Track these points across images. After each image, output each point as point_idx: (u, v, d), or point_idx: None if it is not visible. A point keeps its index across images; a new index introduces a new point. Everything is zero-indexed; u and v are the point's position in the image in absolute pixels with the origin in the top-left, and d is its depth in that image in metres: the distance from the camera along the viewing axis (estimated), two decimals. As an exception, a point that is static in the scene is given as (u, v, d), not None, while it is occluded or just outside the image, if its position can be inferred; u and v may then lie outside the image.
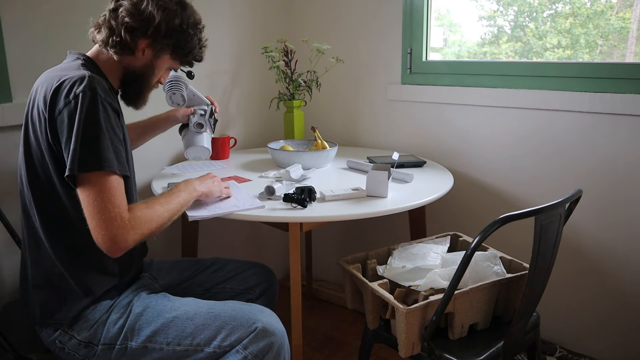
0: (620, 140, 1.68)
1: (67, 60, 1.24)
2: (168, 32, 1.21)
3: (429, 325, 1.26)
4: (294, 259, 1.44)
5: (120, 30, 1.18)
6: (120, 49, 1.20)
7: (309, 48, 2.14)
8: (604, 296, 1.80)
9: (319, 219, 1.39)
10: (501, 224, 1.11)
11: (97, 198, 1.06)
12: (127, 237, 1.08)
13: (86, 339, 1.17)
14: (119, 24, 1.18)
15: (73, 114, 1.07)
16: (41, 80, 1.17)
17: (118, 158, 1.10)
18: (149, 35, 1.20)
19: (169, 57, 1.27)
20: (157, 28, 1.19)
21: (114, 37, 1.19)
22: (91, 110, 1.07)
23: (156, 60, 1.25)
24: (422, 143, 2.10)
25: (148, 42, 1.21)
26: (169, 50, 1.25)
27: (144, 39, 1.20)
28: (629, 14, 1.83)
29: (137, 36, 1.20)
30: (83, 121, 1.06)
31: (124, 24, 1.18)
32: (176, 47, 1.25)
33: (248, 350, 1.15)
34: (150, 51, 1.23)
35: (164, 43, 1.23)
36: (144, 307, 1.20)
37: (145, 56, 1.24)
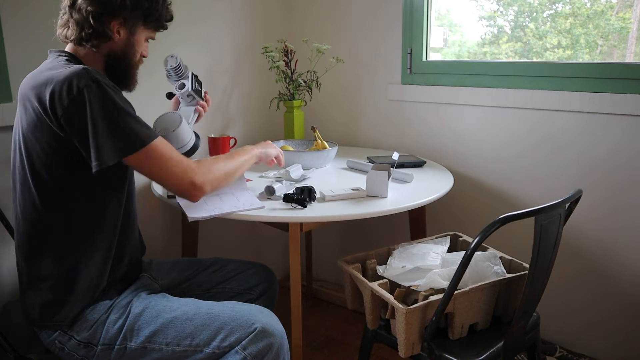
0: (620, 140, 1.68)
1: (49, 60, 1.21)
2: (133, 4, 1.18)
3: (429, 325, 1.26)
4: (294, 259, 1.44)
5: (88, 20, 1.16)
6: (96, 39, 1.18)
7: (309, 48, 2.14)
8: (604, 296, 1.80)
9: (319, 219, 1.39)
10: (501, 224, 1.11)
11: (160, 166, 1.15)
12: (202, 179, 1.20)
13: (85, 339, 1.17)
14: (84, 16, 1.16)
15: (85, 108, 1.06)
16: (29, 84, 1.13)
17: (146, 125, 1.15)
18: (118, 14, 1.18)
19: (143, 27, 1.24)
20: (122, 5, 1.17)
21: (85, 30, 1.17)
22: (105, 97, 1.08)
23: (133, 36, 1.23)
24: (422, 143, 2.10)
25: (119, 22, 1.19)
26: (142, 22, 1.23)
27: (114, 20, 1.18)
28: (629, 14, 1.84)
29: (107, 20, 1.17)
30: (102, 110, 1.07)
31: (88, 13, 1.15)
32: (147, 16, 1.23)
33: (247, 351, 1.14)
34: (124, 30, 1.21)
35: (134, 16, 1.20)
36: (143, 308, 1.20)
37: (122, 37, 1.21)
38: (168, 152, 1.17)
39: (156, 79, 1.70)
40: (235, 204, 1.44)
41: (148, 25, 1.25)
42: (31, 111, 1.11)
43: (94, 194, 1.17)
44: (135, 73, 1.29)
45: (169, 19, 1.30)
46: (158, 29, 1.30)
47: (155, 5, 1.23)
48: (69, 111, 1.06)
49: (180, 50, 1.94)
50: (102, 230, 1.19)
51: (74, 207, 1.15)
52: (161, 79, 1.59)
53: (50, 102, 1.07)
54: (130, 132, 1.10)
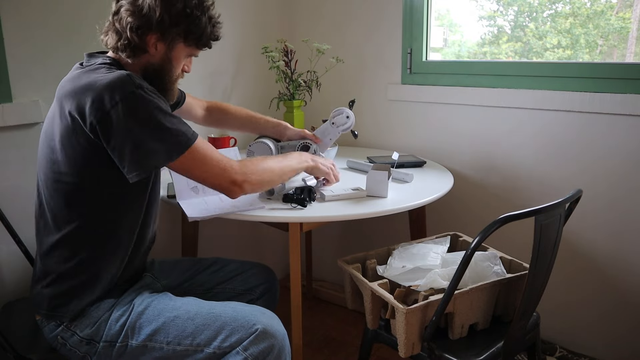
0: (620, 140, 1.68)
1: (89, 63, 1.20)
2: (173, 21, 1.17)
3: (429, 325, 1.26)
4: (294, 259, 1.44)
5: (126, 32, 1.16)
6: (131, 50, 1.18)
7: (309, 48, 2.14)
8: (604, 296, 1.80)
9: (319, 219, 1.39)
10: (501, 224, 1.11)
11: (203, 166, 1.16)
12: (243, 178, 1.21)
13: (88, 335, 1.17)
14: (124, 26, 1.16)
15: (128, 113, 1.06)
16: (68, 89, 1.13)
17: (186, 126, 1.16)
18: (155, 29, 1.17)
19: (183, 45, 1.22)
20: (160, 20, 1.16)
21: (122, 40, 1.17)
22: (149, 103, 1.09)
23: (171, 52, 1.21)
24: (422, 143, 2.10)
25: (157, 37, 1.18)
26: (181, 39, 1.21)
27: (151, 34, 1.17)
28: (629, 14, 1.84)
29: (144, 33, 1.17)
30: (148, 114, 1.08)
31: (127, 24, 1.16)
32: (187, 33, 1.21)
33: (248, 351, 1.14)
34: (162, 44, 1.20)
35: (173, 32, 1.19)
36: (145, 306, 1.20)
37: (159, 51, 1.20)
38: (210, 151, 1.18)
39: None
40: (235, 203, 1.44)
41: (189, 43, 1.23)
42: (67, 115, 1.10)
43: (119, 197, 1.18)
44: (173, 87, 1.28)
45: (214, 38, 1.27)
46: (200, 48, 1.27)
47: (197, 23, 1.20)
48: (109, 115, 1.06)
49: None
50: (123, 232, 1.20)
51: (98, 209, 1.16)
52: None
53: (91, 106, 1.06)
54: (178, 133, 1.12)
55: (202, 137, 1.86)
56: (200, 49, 1.27)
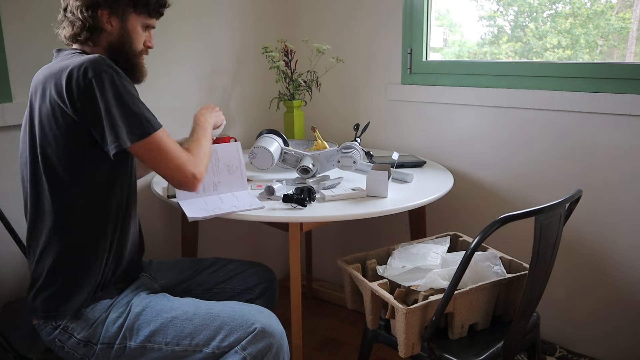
0: (620, 141, 1.68)
1: (59, 56, 1.23)
2: None
3: (429, 325, 1.26)
4: (294, 259, 1.44)
5: (77, 16, 1.18)
6: (88, 32, 1.20)
7: (309, 48, 2.14)
8: (604, 296, 1.80)
9: (319, 219, 1.39)
10: (501, 224, 1.11)
11: (162, 156, 1.16)
12: (200, 170, 1.23)
13: (85, 337, 1.17)
14: (74, 12, 1.19)
15: (99, 92, 1.08)
16: (43, 76, 1.16)
17: (152, 114, 1.17)
18: (103, 4, 1.19)
19: (135, 14, 1.23)
20: None
21: (77, 25, 1.19)
22: (118, 83, 1.10)
23: (126, 24, 1.23)
24: (422, 143, 2.10)
25: (108, 11, 1.20)
26: (132, 8, 1.22)
27: (102, 10, 1.19)
28: (629, 14, 1.84)
29: (95, 11, 1.18)
30: (116, 95, 1.09)
31: (77, 8, 1.18)
32: (135, 2, 1.22)
33: (247, 351, 1.14)
34: (115, 19, 1.21)
35: (122, 4, 1.21)
36: (143, 307, 1.20)
37: (114, 26, 1.22)
38: (171, 143, 1.19)
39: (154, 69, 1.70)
40: (235, 204, 1.44)
41: (139, 11, 1.24)
42: (47, 99, 1.12)
43: (100, 187, 1.18)
44: (140, 63, 1.29)
45: (162, 3, 1.28)
46: (153, 15, 1.27)
47: None
48: (85, 94, 1.08)
49: (181, 49, 1.94)
50: (105, 224, 1.20)
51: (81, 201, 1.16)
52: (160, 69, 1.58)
53: (67, 86, 1.08)
54: (142, 118, 1.13)
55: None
56: (153, 17, 1.28)
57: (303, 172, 1.65)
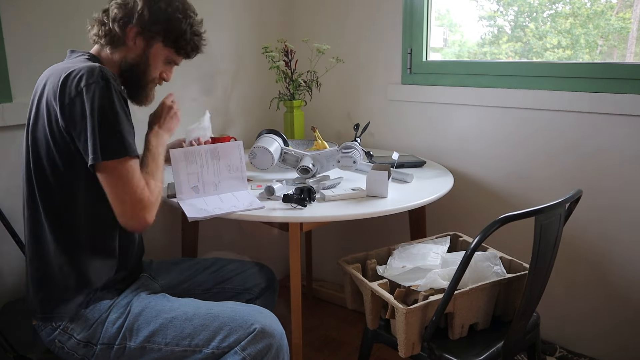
0: (620, 140, 1.68)
1: (70, 57, 1.25)
2: (153, 17, 1.20)
3: (429, 325, 1.26)
4: (294, 259, 1.44)
5: (109, 22, 1.21)
6: (110, 39, 1.22)
7: (309, 48, 2.14)
8: (604, 296, 1.80)
9: (319, 219, 1.39)
10: (501, 224, 1.11)
11: (121, 184, 1.11)
12: (151, 214, 1.15)
13: (85, 338, 1.17)
14: (108, 17, 1.21)
15: (87, 102, 1.08)
16: (47, 74, 1.18)
17: (133, 141, 1.14)
18: (135, 22, 1.20)
19: (162, 45, 1.25)
20: (141, 14, 1.20)
21: (104, 28, 1.21)
22: (107, 98, 1.09)
23: (149, 50, 1.24)
24: (422, 143, 2.10)
25: (137, 30, 1.21)
26: (161, 38, 1.24)
27: (131, 26, 1.21)
28: (629, 14, 1.84)
29: (125, 25, 1.21)
30: (100, 109, 1.08)
31: (112, 16, 1.21)
32: (167, 34, 1.23)
33: (246, 351, 1.14)
34: (141, 40, 1.23)
35: (153, 30, 1.22)
36: (143, 307, 1.20)
37: (137, 46, 1.23)
38: (138, 176, 1.14)
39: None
40: (235, 204, 1.44)
41: (167, 44, 1.25)
42: (45, 99, 1.13)
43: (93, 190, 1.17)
44: (149, 89, 1.30)
45: (193, 48, 1.29)
46: (180, 53, 1.29)
47: (176, 26, 1.23)
48: (74, 101, 1.08)
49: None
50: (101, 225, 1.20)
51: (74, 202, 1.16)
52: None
53: (61, 90, 1.09)
54: (119, 138, 1.10)
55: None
56: (179, 54, 1.29)
57: (303, 172, 1.65)
